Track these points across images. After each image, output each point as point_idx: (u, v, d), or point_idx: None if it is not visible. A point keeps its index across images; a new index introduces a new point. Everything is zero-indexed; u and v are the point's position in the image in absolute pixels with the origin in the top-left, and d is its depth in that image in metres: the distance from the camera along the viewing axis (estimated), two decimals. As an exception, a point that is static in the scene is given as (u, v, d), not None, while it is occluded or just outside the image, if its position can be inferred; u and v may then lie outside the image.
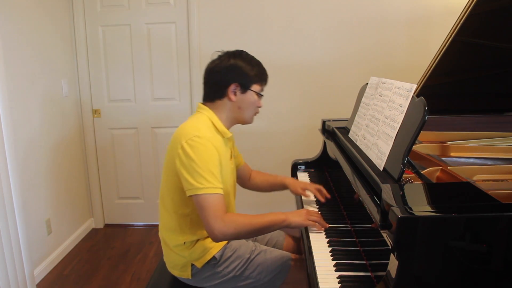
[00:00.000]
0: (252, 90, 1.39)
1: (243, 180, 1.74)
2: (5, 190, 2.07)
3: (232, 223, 1.25)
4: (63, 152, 2.74)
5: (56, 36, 2.68)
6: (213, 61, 1.41)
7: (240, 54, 1.40)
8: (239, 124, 1.49)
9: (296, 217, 1.37)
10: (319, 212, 1.47)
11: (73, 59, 2.91)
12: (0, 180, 2.04)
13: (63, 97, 2.76)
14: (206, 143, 1.27)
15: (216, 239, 1.28)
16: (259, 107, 1.45)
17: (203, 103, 1.43)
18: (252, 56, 1.43)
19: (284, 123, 2.96)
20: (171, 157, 1.33)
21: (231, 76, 1.37)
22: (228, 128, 1.45)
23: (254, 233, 1.32)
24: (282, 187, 1.72)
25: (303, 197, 1.71)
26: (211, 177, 1.25)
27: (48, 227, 2.53)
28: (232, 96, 1.38)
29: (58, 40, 2.70)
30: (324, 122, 2.02)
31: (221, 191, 1.27)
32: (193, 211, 1.36)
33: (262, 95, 1.43)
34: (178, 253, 1.41)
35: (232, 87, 1.37)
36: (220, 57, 1.41)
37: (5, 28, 2.14)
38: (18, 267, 2.16)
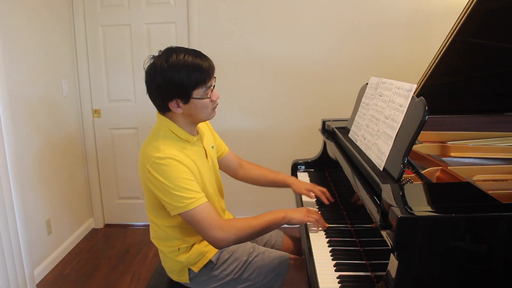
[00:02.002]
0: (194, 98, 1.24)
1: (232, 170, 1.66)
2: (5, 190, 2.07)
3: (231, 229, 1.24)
4: (63, 152, 2.74)
5: (56, 36, 2.68)
6: (146, 74, 1.26)
7: (167, 61, 1.21)
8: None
9: (296, 214, 1.36)
10: (319, 212, 1.47)
11: (73, 59, 2.91)
12: (0, 180, 2.03)
13: (63, 97, 2.76)
14: (169, 162, 1.21)
15: (219, 248, 1.27)
16: (215, 100, 1.30)
17: (159, 112, 1.33)
18: (184, 53, 1.23)
19: (284, 123, 2.96)
20: (142, 178, 1.29)
21: (166, 93, 1.23)
22: (194, 130, 1.36)
23: (255, 234, 1.30)
24: (284, 185, 1.68)
25: (303, 197, 1.71)
26: (188, 193, 1.21)
27: (48, 227, 2.53)
28: (177, 110, 1.26)
29: (58, 40, 2.70)
30: (324, 122, 2.02)
31: (204, 199, 1.24)
32: (181, 222, 1.34)
33: (208, 97, 1.27)
34: (174, 258, 1.40)
35: (173, 103, 1.25)
36: (149, 70, 1.24)
37: (5, 28, 2.14)
38: (18, 267, 2.16)
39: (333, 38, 2.81)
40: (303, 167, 2.06)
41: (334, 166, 1.71)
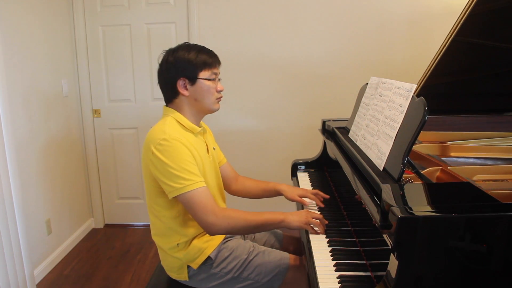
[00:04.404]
0: (200, 79, 1.35)
1: (228, 182, 1.68)
2: (5, 190, 2.07)
3: (225, 217, 1.26)
4: (63, 152, 2.74)
5: (56, 36, 2.68)
6: (159, 65, 1.40)
7: (178, 48, 1.37)
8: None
9: (296, 219, 1.36)
10: (320, 212, 1.47)
11: (73, 59, 2.91)
12: (0, 180, 2.03)
13: (63, 97, 2.76)
14: (174, 143, 1.27)
15: (211, 233, 1.29)
16: (220, 91, 1.41)
17: (166, 105, 1.43)
18: (193, 46, 1.39)
19: (284, 123, 2.96)
20: (145, 164, 1.34)
21: (174, 72, 1.35)
22: (198, 122, 1.44)
23: (249, 229, 1.33)
24: (275, 193, 1.67)
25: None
26: (188, 174, 1.25)
27: (48, 227, 2.53)
28: (183, 91, 1.36)
29: (58, 40, 2.70)
30: (324, 122, 2.02)
31: (203, 184, 1.27)
32: (180, 213, 1.36)
33: (213, 79, 1.38)
34: (173, 255, 1.41)
35: (180, 83, 1.35)
36: (162, 60, 1.39)
37: (6, 27, 2.14)
38: (18, 267, 2.16)
39: (333, 38, 2.81)
40: (303, 167, 2.06)
41: (334, 166, 1.71)
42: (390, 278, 0.91)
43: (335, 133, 1.83)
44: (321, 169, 2.03)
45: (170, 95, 1.40)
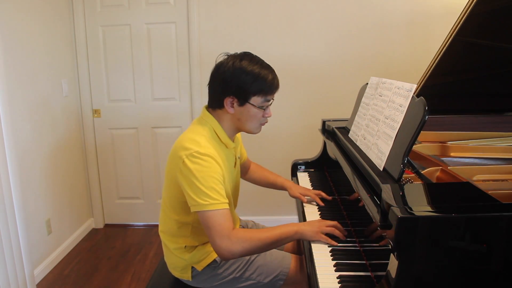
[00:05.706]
0: (250, 104, 1.29)
1: (242, 173, 1.71)
2: (5, 190, 2.07)
3: (239, 241, 1.21)
4: (63, 152, 2.74)
5: (56, 36, 2.68)
6: (216, 66, 1.32)
7: (241, 61, 1.28)
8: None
9: (309, 229, 1.30)
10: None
11: (73, 59, 2.91)
12: (0, 180, 2.03)
13: (63, 97, 2.76)
14: (208, 159, 1.22)
15: (224, 258, 1.25)
16: (266, 117, 1.35)
17: (207, 108, 1.37)
18: (257, 62, 1.30)
19: (284, 123, 2.96)
20: (172, 168, 1.29)
21: (228, 88, 1.27)
22: (233, 136, 1.41)
23: (264, 248, 1.27)
24: (281, 188, 1.73)
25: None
26: (215, 193, 1.21)
27: (48, 227, 2.53)
28: (229, 109, 1.30)
29: (58, 40, 2.70)
30: (324, 122, 2.02)
31: (226, 206, 1.23)
32: (195, 221, 1.34)
33: (263, 108, 1.31)
34: (178, 255, 1.41)
35: (229, 100, 1.28)
36: (221, 63, 1.30)
37: (5, 28, 2.14)
38: (18, 267, 2.16)
39: (333, 38, 2.81)
40: (303, 167, 2.06)
41: (334, 166, 1.71)
42: (390, 278, 0.91)
43: (335, 133, 1.83)
44: (321, 169, 2.03)
45: (215, 103, 1.33)
